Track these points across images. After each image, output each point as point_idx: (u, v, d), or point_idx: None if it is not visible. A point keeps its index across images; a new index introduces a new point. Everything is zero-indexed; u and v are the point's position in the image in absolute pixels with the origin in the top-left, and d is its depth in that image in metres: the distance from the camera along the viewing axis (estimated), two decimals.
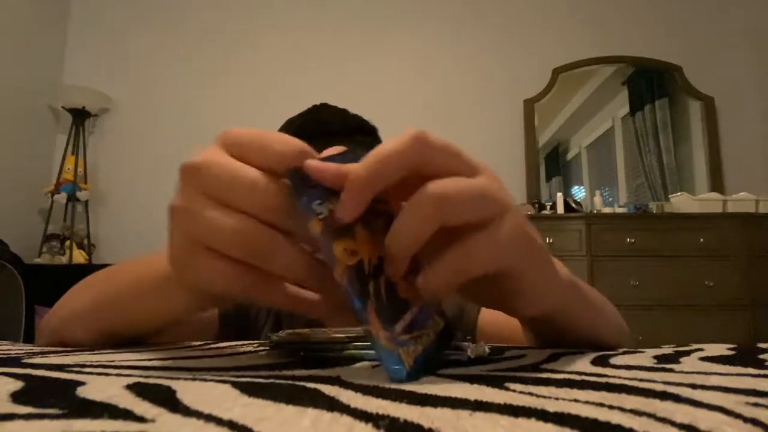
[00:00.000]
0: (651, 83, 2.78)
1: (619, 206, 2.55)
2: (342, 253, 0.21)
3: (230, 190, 0.22)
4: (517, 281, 0.24)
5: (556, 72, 2.78)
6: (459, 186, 0.21)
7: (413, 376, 0.21)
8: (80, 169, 2.59)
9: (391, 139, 0.22)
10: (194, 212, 0.23)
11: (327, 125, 0.64)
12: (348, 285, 0.21)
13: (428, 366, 0.23)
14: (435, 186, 0.21)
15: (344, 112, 0.69)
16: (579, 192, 2.75)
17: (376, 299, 0.21)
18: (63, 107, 2.65)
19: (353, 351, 0.27)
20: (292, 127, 0.66)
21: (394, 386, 0.19)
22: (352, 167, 0.21)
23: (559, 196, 2.44)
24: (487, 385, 0.19)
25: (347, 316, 0.22)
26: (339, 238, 0.21)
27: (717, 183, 2.62)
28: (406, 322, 0.22)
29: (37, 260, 2.41)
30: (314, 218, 0.21)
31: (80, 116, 2.63)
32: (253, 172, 0.22)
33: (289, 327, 0.48)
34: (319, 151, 0.24)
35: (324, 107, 0.70)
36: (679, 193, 2.47)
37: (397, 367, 0.20)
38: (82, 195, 2.55)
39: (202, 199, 0.23)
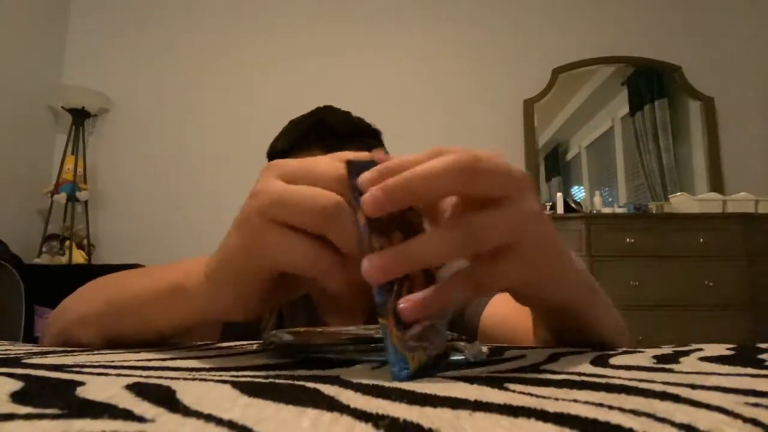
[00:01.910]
0: (651, 83, 2.78)
1: (619, 206, 2.54)
2: (377, 249, 0.22)
3: (304, 172, 0.25)
4: (536, 287, 0.26)
5: (556, 72, 2.78)
6: (492, 222, 0.23)
7: (413, 379, 0.21)
8: (80, 170, 2.58)
9: (441, 158, 0.23)
10: (271, 190, 0.25)
11: (334, 128, 0.64)
12: (377, 289, 0.22)
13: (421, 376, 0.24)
14: (471, 225, 0.22)
15: (348, 114, 0.69)
16: (579, 192, 2.75)
17: (397, 299, 0.22)
18: (63, 107, 2.65)
19: (353, 352, 0.27)
20: (298, 129, 0.66)
21: (394, 386, 0.19)
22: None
23: (559, 196, 2.44)
24: (487, 385, 0.19)
25: (348, 317, 0.22)
26: (377, 235, 0.23)
27: (716, 183, 2.62)
28: (416, 332, 0.23)
29: (37, 260, 2.41)
30: (360, 209, 0.22)
31: (80, 116, 2.63)
32: (323, 164, 0.25)
33: (291, 326, 0.48)
34: (327, 153, 0.27)
35: (328, 109, 0.70)
36: (678, 194, 2.47)
37: (403, 367, 0.21)
38: (81, 195, 2.55)
39: (279, 182, 0.25)
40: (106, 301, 0.37)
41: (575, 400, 0.16)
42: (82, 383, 0.19)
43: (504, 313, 0.58)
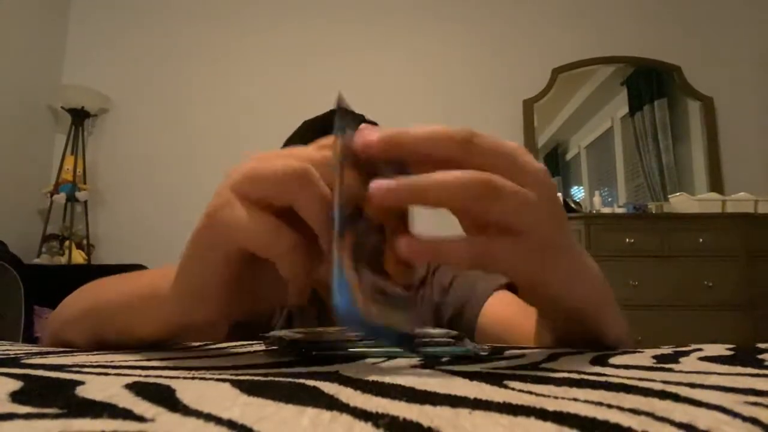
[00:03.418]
0: (650, 83, 2.78)
1: (619, 206, 2.55)
2: (348, 186, 0.22)
3: (283, 155, 0.25)
4: (544, 287, 0.26)
5: (556, 72, 2.78)
6: (512, 191, 0.22)
7: (362, 327, 0.20)
8: (79, 170, 2.58)
9: (460, 174, 0.22)
10: (243, 167, 0.25)
11: None
12: (338, 209, 0.21)
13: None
14: (491, 177, 0.22)
15: (362, 117, 0.69)
16: (578, 192, 2.75)
17: (357, 237, 0.21)
18: (62, 107, 2.65)
19: (362, 349, 0.28)
20: (312, 129, 0.66)
21: (393, 384, 0.19)
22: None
23: (559, 196, 2.44)
24: (487, 383, 0.19)
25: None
26: (350, 172, 0.22)
27: (716, 183, 2.62)
28: (380, 287, 0.22)
29: (36, 260, 2.41)
30: (338, 138, 0.22)
31: (79, 116, 2.63)
32: (304, 148, 0.26)
33: (300, 326, 0.48)
34: None
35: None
36: (678, 194, 2.47)
37: (345, 296, 0.19)
38: (81, 195, 2.55)
39: (246, 203, 0.24)
40: (90, 305, 0.37)
41: (575, 399, 0.16)
42: (81, 383, 0.19)
43: (503, 313, 0.58)
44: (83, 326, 0.36)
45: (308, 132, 0.65)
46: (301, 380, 0.20)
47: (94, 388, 0.18)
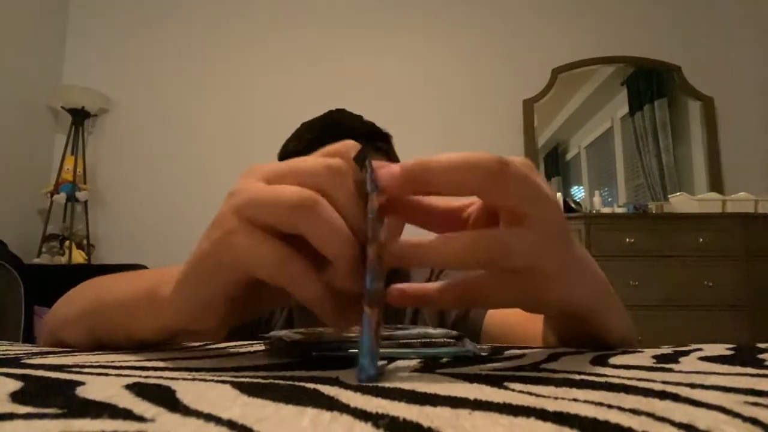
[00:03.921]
0: (650, 83, 2.78)
1: (619, 206, 2.55)
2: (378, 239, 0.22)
3: (287, 174, 0.23)
4: (550, 280, 0.25)
5: (556, 72, 2.78)
6: (516, 242, 0.22)
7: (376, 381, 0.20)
8: (79, 170, 2.58)
9: (474, 153, 0.22)
10: (248, 189, 0.23)
11: (350, 130, 0.64)
12: (376, 264, 0.21)
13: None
14: (499, 237, 0.22)
15: (361, 118, 0.69)
16: (578, 192, 2.75)
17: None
18: (62, 107, 2.65)
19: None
20: (311, 131, 0.65)
21: (393, 386, 0.19)
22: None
23: (559, 196, 2.44)
24: (487, 384, 0.19)
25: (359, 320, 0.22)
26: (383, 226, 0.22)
27: (716, 183, 2.63)
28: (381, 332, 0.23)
29: (37, 260, 2.41)
30: (376, 194, 0.22)
31: (79, 116, 2.63)
32: (312, 159, 0.24)
33: (301, 326, 0.48)
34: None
35: (341, 112, 0.70)
36: (678, 193, 2.47)
37: (373, 364, 0.20)
38: (81, 195, 2.55)
39: (261, 182, 0.24)
40: (89, 305, 0.37)
41: (575, 399, 0.16)
42: (81, 383, 0.19)
43: (509, 316, 0.58)
44: (81, 327, 0.36)
45: (306, 134, 0.65)
46: (301, 383, 0.20)
47: (95, 388, 0.18)
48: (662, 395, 0.17)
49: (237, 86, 2.80)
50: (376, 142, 0.66)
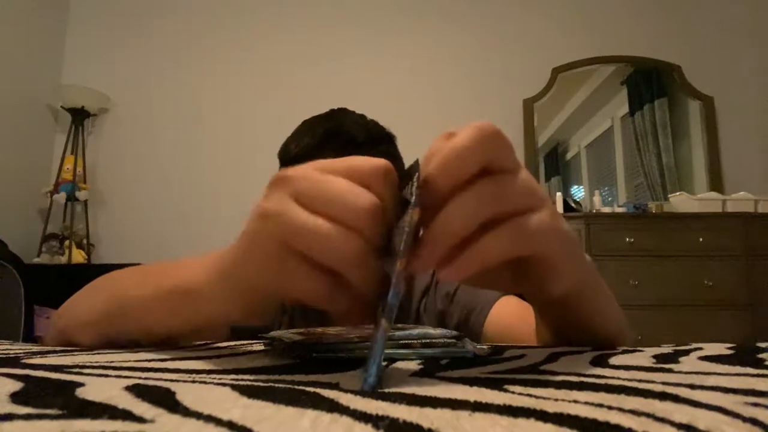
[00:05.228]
0: (650, 83, 2.77)
1: (619, 206, 2.54)
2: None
3: (322, 196, 0.23)
4: (548, 261, 0.26)
5: (556, 71, 2.78)
6: (514, 186, 0.24)
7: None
8: (79, 169, 2.58)
9: (462, 134, 0.23)
10: (289, 215, 0.23)
11: (351, 136, 0.63)
12: (401, 280, 0.21)
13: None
14: (496, 188, 0.23)
15: (363, 118, 0.69)
16: (578, 192, 2.75)
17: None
18: (62, 107, 2.65)
19: (363, 351, 0.27)
20: (312, 134, 0.64)
21: (393, 389, 0.19)
22: (428, 171, 0.23)
23: (559, 195, 2.44)
24: (487, 386, 0.19)
25: (360, 323, 0.22)
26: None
27: (716, 183, 2.62)
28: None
29: (37, 260, 2.41)
30: (416, 209, 0.22)
31: (79, 116, 2.63)
32: (343, 181, 0.23)
33: (301, 327, 0.48)
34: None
35: (343, 113, 0.69)
36: (678, 193, 2.47)
37: (377, 376, 0.20)
38: (81, 195, 2.55)
39: (294, 205, 0.23)
40: (106, 307, 0.37)
41: (575, 401, 0.16)
42: (81, 384, 0.19)
43: (509, 319, 0.58)
44: (98, 328, 0.36)
45: (307, 137, 0.65)
46: (301, 385, 0.20)
47: (95, 389, 0.18)
48: (662, 396, 0.17)
49: (237, 86, 2.80)
50: (378, 146, 0.65)
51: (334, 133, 0.63)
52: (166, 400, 0.16)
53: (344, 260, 0.22)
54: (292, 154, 0.64)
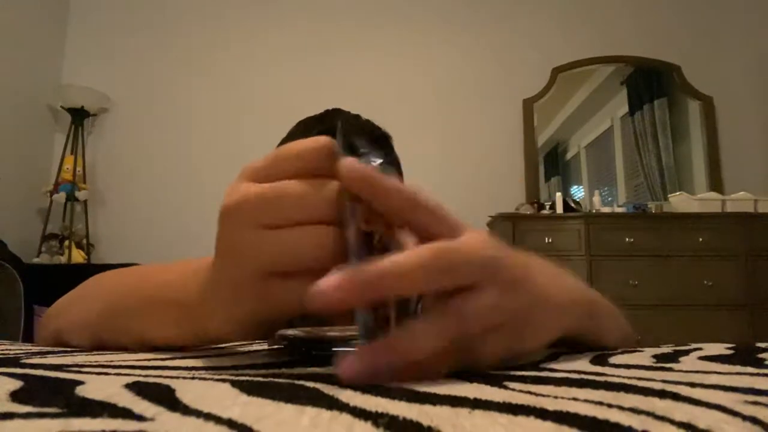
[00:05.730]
0: (650, 83, 2.78)
1: (618, 206, 2.55)
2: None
3: (280, 208, 0.22)
4: (522, 324, 0.23)
5: (556, 71, 2.78)
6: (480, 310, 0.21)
7: None
8: (79, 169, 2.58)
9: (412, 255, 0.20)
10: (259, 244, 0.23)
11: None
12: (357, 246, 0.21)
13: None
14: (461, 311, 0.21)
15: (358, 118, 0.68)
16: (578, 192, 2.75)
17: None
18: (62, 107, 2.65)
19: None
20: (308, 133, 0.64)
21: (392, 385, 0.19)
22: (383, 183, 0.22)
23: (558, 195, 2.44)
24: (486, 383, 0.19)
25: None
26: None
27: (716, 182, 2.63)
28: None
29: (36, 260, 2.41)
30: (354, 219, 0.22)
31: (79, 116, 2.63)
32: (291, 183, 0.23)
33: (302, 326, 0.48)
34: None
35: (337, 113, 0.68)
36: (678, 193, 2.47)
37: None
38: (80, 195, 2.55)
39: (259, 231, 0.23)
40: (99, 310, 0.36)
41: (574, 399, 0.16)
42: (81, 382, 0.19)
43: None
44: (89, 331, 0.35)
45: (304, 132, 0.65)
46: (301, 381, 0.20)
47: (94, 387, 0.18)
48: (662, 394, 0.17)
49: (237, 86, 2.80)
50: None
51: (329, 134, 0.63)
52: (166, 397, 0.16)
53: (320, 258, 0.22)
54: None
